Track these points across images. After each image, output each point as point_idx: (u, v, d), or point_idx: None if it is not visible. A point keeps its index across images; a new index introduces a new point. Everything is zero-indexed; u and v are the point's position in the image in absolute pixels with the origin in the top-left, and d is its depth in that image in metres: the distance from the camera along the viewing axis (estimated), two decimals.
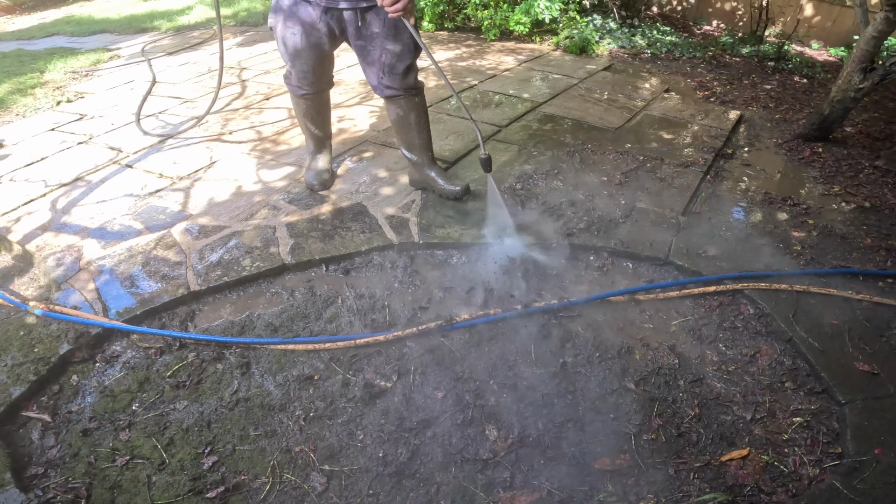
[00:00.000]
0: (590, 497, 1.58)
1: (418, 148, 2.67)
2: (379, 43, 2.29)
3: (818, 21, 6.27)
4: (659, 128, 3.72)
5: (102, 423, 1.75)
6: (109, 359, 1.97)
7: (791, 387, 1.91)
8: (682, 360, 2.00)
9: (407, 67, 2.39)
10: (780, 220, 2.76)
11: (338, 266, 2.41)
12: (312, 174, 2.85)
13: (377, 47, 2.31)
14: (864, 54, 3.27)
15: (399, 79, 2.39)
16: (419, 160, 2.72)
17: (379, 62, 2.35)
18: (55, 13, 8.35)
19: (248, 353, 1.99)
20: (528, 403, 1.83)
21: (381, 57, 2.33)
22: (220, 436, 1.72)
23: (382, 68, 2.36)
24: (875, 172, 3.27)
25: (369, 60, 2.38)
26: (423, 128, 2.60)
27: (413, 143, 2.64)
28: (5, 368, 1.87)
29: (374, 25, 2.26)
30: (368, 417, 1.78)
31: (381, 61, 2.34)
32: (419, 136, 2.62)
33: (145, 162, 3.18)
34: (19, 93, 4.39)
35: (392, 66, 2.35)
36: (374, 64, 2.37)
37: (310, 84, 2.51)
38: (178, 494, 1.56)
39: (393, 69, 2.36)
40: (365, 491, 1.58)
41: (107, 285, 2.25)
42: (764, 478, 1.63)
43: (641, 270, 2.43)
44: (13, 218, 2.67)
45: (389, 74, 2.38)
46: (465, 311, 2.15)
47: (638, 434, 1.75)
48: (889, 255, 2.51)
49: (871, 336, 2.07)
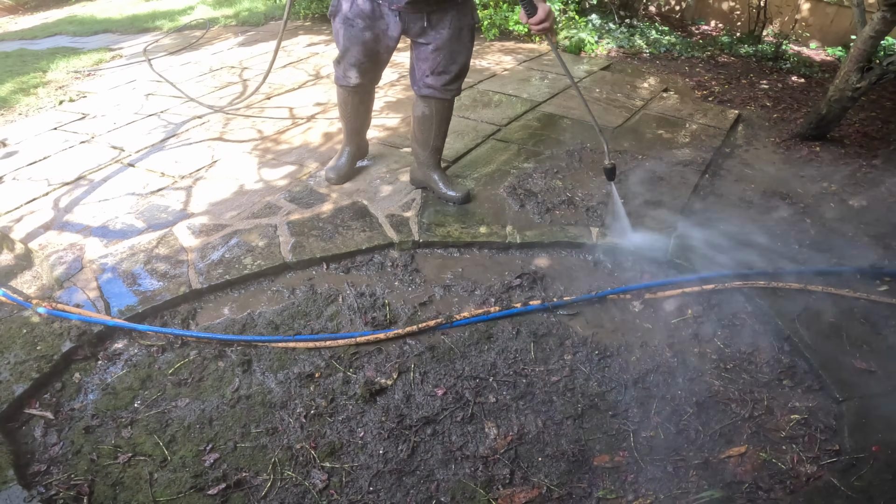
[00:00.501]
0: (589, 494, 1.57)
1: (431, 149, 2.69)
2: (440, 45, 2.32)
3: (815, 21, 6.26)
4: (658, 127, 3.72)
5: (105, 421, 1.75)
6: (112, 356, 1.97)
7: (789, 384, 1.90)
8: (680, 358, 1.99)
9: (457, 74, 2.44)
10: (778, 219, 2.76)
11: (338, 264, 2.41)
12: (331, 166, 2.89)
13: (436, 48, 2.33)
14: (861, 54, 3.26)
15: (445, 82, 2.43)
16: (427, 161, 2.74)
17: (432, 61, 2.37)
18: (58, 13, 8.32)
19: (249, 351, 1.99)
20: (527, 401, 1.83)
21: (436, 57, 2.36)
22: (221, 433, 1.72)
23: (433, 68, 2.39)
24: (872, 171, 3.27)
25: (422, 57, 2.39)
26: (442, 131, 2.65)
27: (428, 143, 2.66)
28: (8, 366, 1.87)
29: (441, 27, 2.29)
30: (369, 415, 1.78)
31: (435, 61, 2.37)
32: (436, 138, 2.65)
33: (147, 161, 3.17)
34: (22, 92, 4.38)
35: (444, 70, 2.40)
36: (426, 61, 2.39)
37: (359, 75, 2.49)
38: (179, 491, 1.56)
39: (444, 72, 2.40)
40: (365, 488, 1.57)
41: (109, 283, 2.25)
42: (762, 475, 1.62)
43: (640, 268, 2.43)
44: (16, 217, 2.66)
45: (437, 76, 2.41)
46: (465, 309, 2.15)
47: (637, 431, 1.74)
48: (886, 253, 2.51)
49: (869, 334, 2.07)
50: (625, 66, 5.07)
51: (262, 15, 6.67)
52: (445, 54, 2.35)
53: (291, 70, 4.72)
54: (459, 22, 2.31)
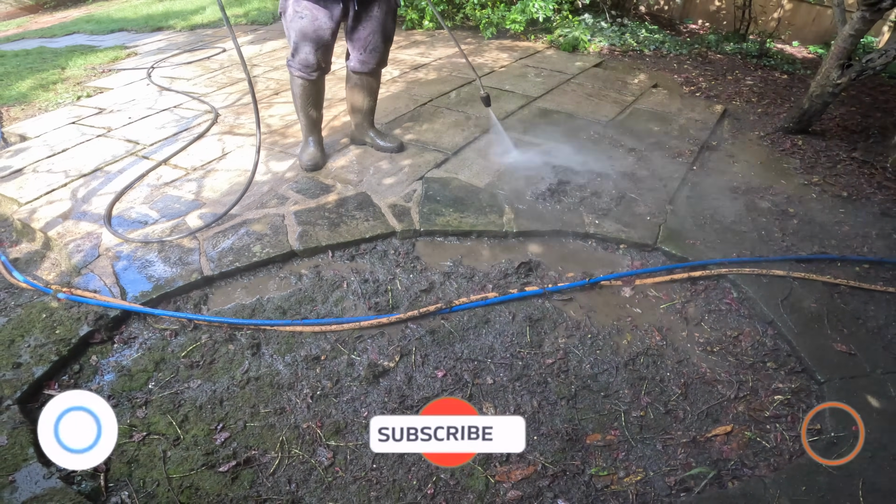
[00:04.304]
0: (581, 471, 1.55)
1: (367, 112, 3.01)
2: (371, 27, 2.59)
3: (798, 20, 6.17)
4: (647, 121, 3.66)
5: (120, 401, 1.72)
6: (127, 340, 1.94)
7: (772, 366, 1.88)
8: (669, 342, 1.97)
9: (386, 50, 2.74)
10: (763, 209, 2.72)
11: (343, 252, 2.38)
12: (307, 157, 2.93)
13: (368, 30, 2.60)
14: (841, 52, 3.21)
15: (378, 57, 2.72)
16: (363, 122, 3.05)
17: (365, 41, 2.64)
18: (76, 12, 8.21)
19: (258, 335, 1.96)
20: (523, 382, 1.80)
21: (368, 38, 2.62)
22: (231, 413, 1.69)
23: (366, 47, 2.66)
24: (852, 163, 3.22)
25: (355, 38, 2.64)
26: (373, 97, 2.96)
27: (364, 108, 2.98)
28: (28, 349, 1.84)
29: (373, 12, 2.54)
30: (372, 395, 1.75)
31: (368, 41, 2.64)
32: (369, 103, 2.97)
33: (161, 153, 3.12)
34: (42, 88, 4.32)
35: (376, 48, 2.67)
36: (360, 41, 2.64)
37: (313, 67, 2.62)
38: (192, 468, 1.53)
39: (376, 50, 2.68)
40: (369, 465, 1.55)
41: (124, 270, 2.21)
42: (747, 452, 1.60)
43: (631, 256, 2.39)
44: (36, 206, 2.62)
45: (372, 53, 2.68)
46: (464, 295, 2.12)
47: (627, 411, 1.72)
48: (865, 241, 2.47)
49: (849, 319, 2.04)
50: (616, 63, 5.00)
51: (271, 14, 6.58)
52: (380, 34, 2.62)
53: None
54: (386, 6, 2.56)
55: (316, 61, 2.60)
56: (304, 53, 2.57)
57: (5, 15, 8.53)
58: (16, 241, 2.50)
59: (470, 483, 1.51)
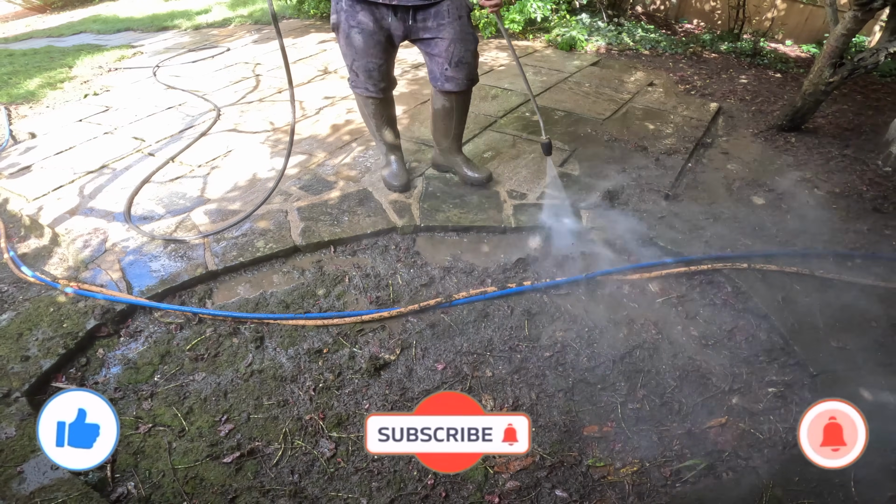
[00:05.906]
0: (579, 461, 1.54)
1: (453, 137, 2.60)
2: (448, 35, 2.17)
3: (791, 20, 6.13)
4: (643, 118, 3.64)
5: (126, 394, 1.71)
6: (133, 333, 1.93)
7: (766, 360, 1.87)
8: (664, 335, 1.95)
9: (475, 62, 2.30)
10: (757, 205, 2.70)
11: (345, 247, 2.36)
12: (390, 174, 2.66)
13: (446, 39, 2.18)
14: (833, 50, 3.18)
15: (466, 71, 2.29)
16: (450, 147, 2.66)
17: (448, 54, 2.22)
18: (83, 12, 8.15)
19: (261, 328, 1.95)
20: (521, 375, 1.79)
21: (449, 49, 2.20)
22: (235, 405, 1.68)
23: (449, 60, 2.23)
24: (844, 160, 3.20)
25: (434, 53, 2.24)
26: (462, 120, 2.54)
27: (450, 132, 2.57)
28: (36, 342, 1.83)
29: (440, 19, 2.15)
30: (374, 388, 1.74)
31: (451, 53, 2.21)
32: (458, 126, 2.55)
33: (166, 151, 3.10)
34: (49, 86, 4.29)
35: (462, 59, 2.24)
36: (440, 56, 2.24)
37: (375, 83, 2.32)
38: (196, 459, 1.52)
39: (462, 62, 2.25)
40: (370, 456, 1.54)
41: (131, 265, 2.20)
42: (741, 444, 1.59)
43: (627, 251, 2.38)
44: (44, 203, 2.60)
45: (458, 67, 2.25)
46: (463, 289, 2.11)
47: (624, 403, 1.71)
48: (857, 237, 2.46)
49: (841, 313, 2.02)
50: (613, 62, 4.96)
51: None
52: (458, 44, 2.20)
53: (302, 66, 4.62)
54: (458, 10, 2.16)
55: (373, 82, 2.32)
56: (360, 74, 2.30)
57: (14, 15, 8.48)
58: (24, 237, 2.49)
59: (469, 474, 1.50)
